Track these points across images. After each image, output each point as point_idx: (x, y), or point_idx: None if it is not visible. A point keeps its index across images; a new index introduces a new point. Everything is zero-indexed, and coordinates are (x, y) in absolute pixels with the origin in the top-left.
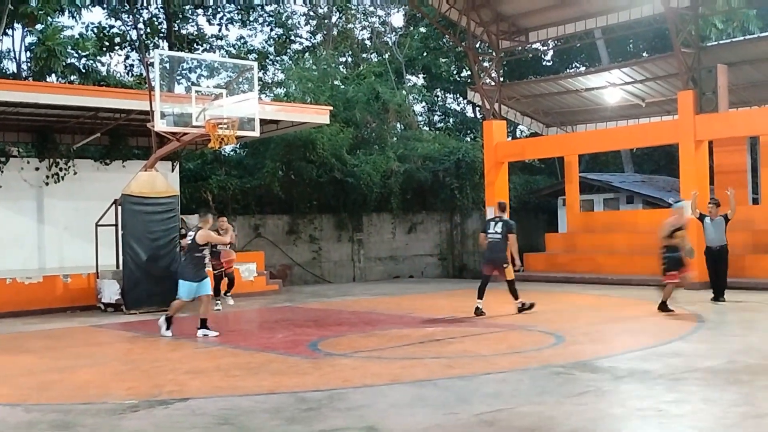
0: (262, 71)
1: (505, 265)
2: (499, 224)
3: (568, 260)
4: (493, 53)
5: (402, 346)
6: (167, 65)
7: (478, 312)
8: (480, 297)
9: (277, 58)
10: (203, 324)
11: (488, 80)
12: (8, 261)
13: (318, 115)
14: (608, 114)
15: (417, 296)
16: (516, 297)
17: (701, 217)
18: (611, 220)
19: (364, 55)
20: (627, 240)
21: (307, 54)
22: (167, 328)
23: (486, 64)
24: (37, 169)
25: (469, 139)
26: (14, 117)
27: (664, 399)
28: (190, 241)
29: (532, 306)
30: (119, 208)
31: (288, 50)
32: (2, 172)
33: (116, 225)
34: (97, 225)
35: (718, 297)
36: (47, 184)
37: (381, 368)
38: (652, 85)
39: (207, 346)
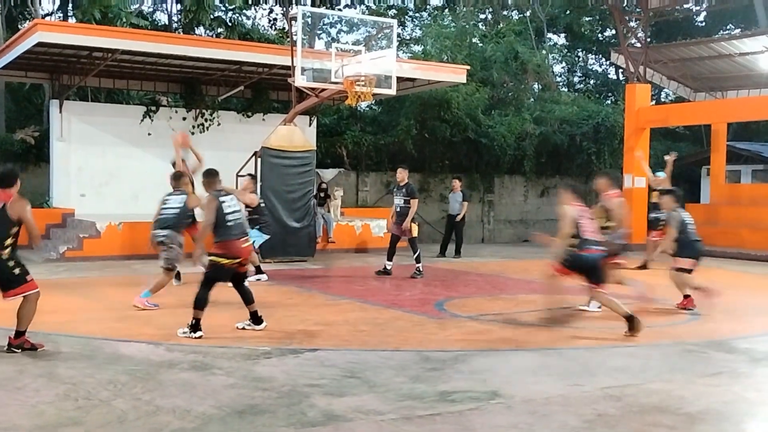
0: (401, 27)
1: None
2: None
3: (709, 233)
4: (641, 13)
5: (528, 311)
6: (309, 20)
7: None
8: None
9: (416, 15)
10: None
11: (634, 41)
12: (155, 206)
13: (455, 74)
14: (763, 81)
15: (546, 262)
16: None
17: None
18: (760, 193)
19: (505, 13)
20: None
21: (446, 10)
22: None
23: (632, 24)
24: (184, 118)
25: (609, 102)
26: (165, 68)
27: None
28: None
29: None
30: (258, 160)
31: (427, 6)
32: (152, 120)
33: (255, 176)
34: (237, 175)
35: None
36: (193, 133)
37: (506, 333)
38: None
39: (336, 300)
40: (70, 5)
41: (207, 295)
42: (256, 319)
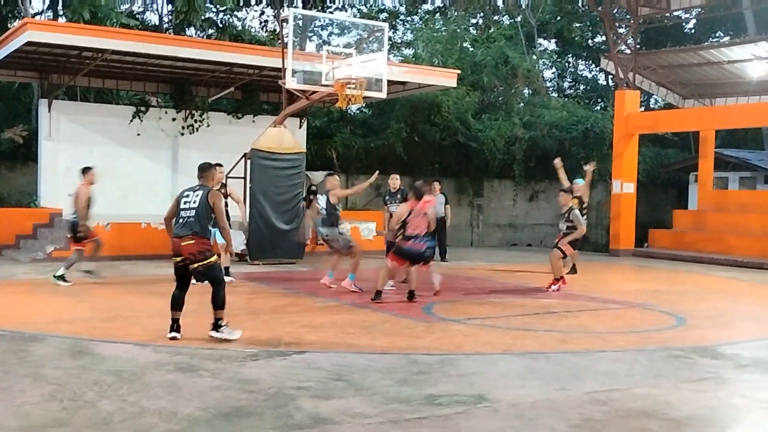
0: (392, 31)
1: None
2: None
3: (697, 239)
4: (631, 19)
5: (516, 316)
6: (300, 22)
7: None
8: None
9: (408, 18)
10: None
11: (623, 48)
12: (143, 207)
13: (445, 78)
14: (751, 88)
15: (534, 266)
16: None
17: None
18: (747, 200)
19: (496, 18)
20: (763, 222)
21: (437, 15)
22: None
23: (622, 30)
24: (173, 119)
25: (599, 107)
26: (155, 68)
27: None
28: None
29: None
30: (248, 161)
31: (419, 10)
32: (142, 121)
33: (244, 178)
34: (226, 177)
35: None
36: (182, 134)
37: (494, 337)
38: None
39: (324, 302)
40: (60, 5)
41: (177, 294)
42: (216, 325)
